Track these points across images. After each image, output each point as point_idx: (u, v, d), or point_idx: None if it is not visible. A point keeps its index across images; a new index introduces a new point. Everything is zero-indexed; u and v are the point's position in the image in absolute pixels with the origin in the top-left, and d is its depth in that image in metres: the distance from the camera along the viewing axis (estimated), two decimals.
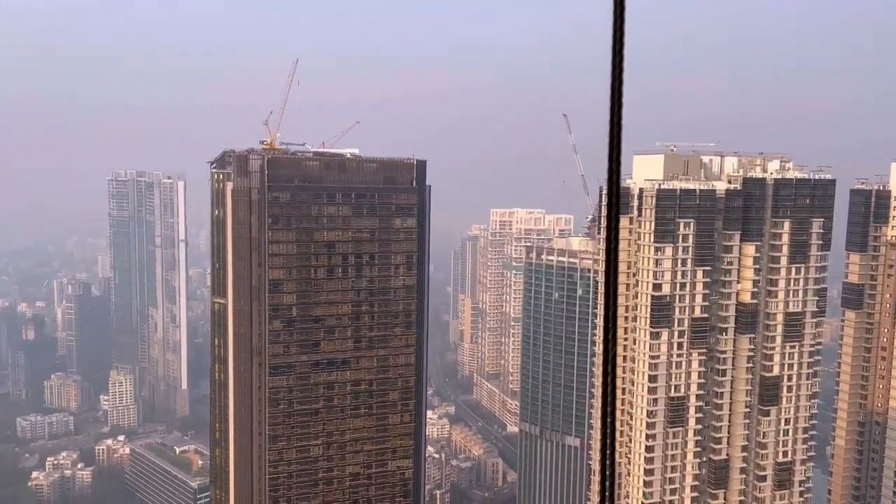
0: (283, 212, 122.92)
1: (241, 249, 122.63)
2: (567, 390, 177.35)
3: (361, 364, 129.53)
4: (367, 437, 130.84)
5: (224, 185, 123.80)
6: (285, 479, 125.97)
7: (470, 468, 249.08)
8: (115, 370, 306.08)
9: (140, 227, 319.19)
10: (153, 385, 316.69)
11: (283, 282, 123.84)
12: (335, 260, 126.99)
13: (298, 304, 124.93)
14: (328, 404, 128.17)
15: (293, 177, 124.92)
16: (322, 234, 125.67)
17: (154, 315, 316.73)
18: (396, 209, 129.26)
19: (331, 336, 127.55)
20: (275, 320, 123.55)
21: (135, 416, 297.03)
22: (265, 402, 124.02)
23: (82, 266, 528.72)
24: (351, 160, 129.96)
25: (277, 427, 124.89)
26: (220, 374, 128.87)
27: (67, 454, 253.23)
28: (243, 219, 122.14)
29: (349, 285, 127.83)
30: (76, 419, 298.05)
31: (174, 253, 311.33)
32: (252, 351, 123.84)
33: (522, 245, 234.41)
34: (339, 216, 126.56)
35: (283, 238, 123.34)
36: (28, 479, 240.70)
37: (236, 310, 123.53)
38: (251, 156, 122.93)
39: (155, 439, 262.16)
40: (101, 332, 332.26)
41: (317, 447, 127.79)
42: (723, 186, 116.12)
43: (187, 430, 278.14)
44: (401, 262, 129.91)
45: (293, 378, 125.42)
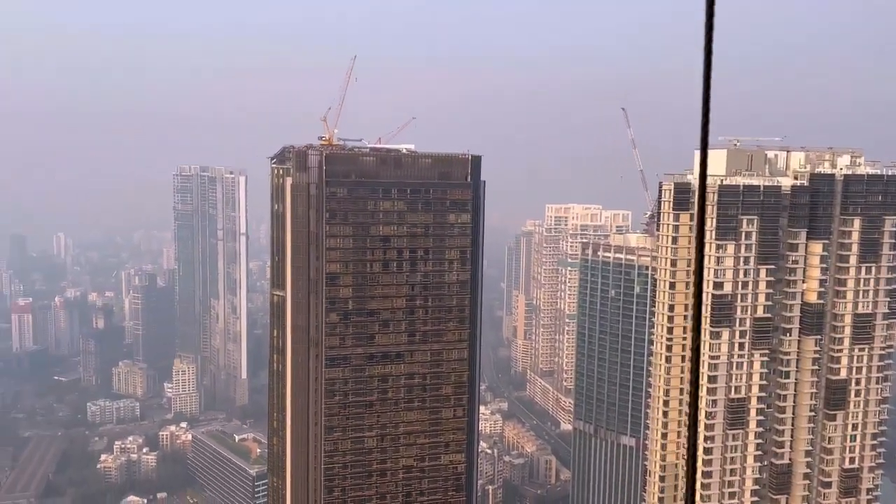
0: (340, 206, 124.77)
1: (299, 243, 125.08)
2: (623, 389, 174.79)
3: (415, 358, 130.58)
4: (420, 431, 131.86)
5: (284, 180, 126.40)
6: (340, 469, 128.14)
7: (523, 465, 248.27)
8: (179, 359, 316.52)
9: (203, 220, 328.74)
10: (214, 374, 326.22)
11: (340, 275, 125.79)
12: (390, 254, 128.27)
13: (354, 298, 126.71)
14: (382, 397, 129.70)
15: (350, 172, 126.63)
16: (378, 229, 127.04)
17: (216, 306, 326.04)
18: (451, 204, 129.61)
19: (385, 329, 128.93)
20: (331, 313, 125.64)
21: (196, 404, 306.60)
22: (321, 393, 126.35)
23: (149, 258, 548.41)
24: (406, 156, 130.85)
25: (333, 418, 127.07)
26: (278, 364, 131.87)
27: (133, 439, 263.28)
28: (302, 213, 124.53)
29: (404, 279, 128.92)
30: (142, 405, 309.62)
31: (235, 246, 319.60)
32: (309, 342, 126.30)
33: (578, 241, 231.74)
34: (394, 211, 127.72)
35: (339, 232, 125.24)
36: (97, 461, 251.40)
37: (294, 302, 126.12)
38: (310, 151, 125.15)
39: (215, 427, 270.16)
40: (165, 321, 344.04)
41: (371, 439, 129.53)
42: (789, 182, 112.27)
43: (246, 418, 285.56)
44: (455, 257, 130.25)
45: (349, 370, 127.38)
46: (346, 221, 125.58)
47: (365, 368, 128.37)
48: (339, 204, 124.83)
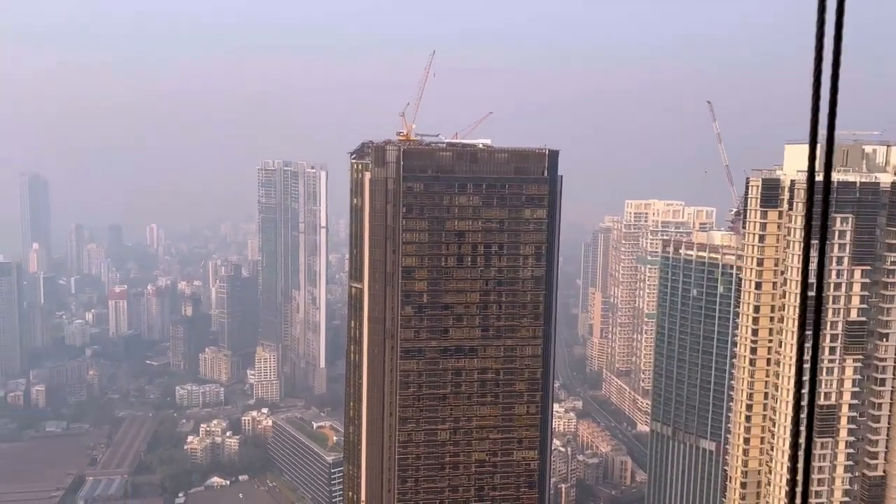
0: (416, 201, 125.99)
1: (376, 237, 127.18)
2: (703, 391, 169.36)
3: (488, 353, 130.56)
4: (492, 426, 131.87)
5: (363, 175, 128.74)
6: (413, 460, 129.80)
7: (597, 465, 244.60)
8: (261, 347, 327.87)
9: (286, 213, 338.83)
10: (294, 362, 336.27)
11: (416, 269, 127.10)
12: (465, 249, 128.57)
13: (429, 291, 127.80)
14: (456, 390, 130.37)
15: (427, 167, 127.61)
16: (453, 224, 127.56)
17: (296, 297, 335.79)
18: (527, 199, 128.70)
19: (459, 323, 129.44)
20: (407, 306, 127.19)
21: (277, 391, 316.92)
22: (396, 385, 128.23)
23: (234, 249, 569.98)
24: (483, 151, 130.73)
25: (407, 409, 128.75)
26: (355, 355, 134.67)
27: (218, 422, 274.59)
28: (380, 207, 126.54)
29: (478, 274, 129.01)
30: (226, 390, 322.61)
31: (316, 239, 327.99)
32: (385, 334, 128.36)
33: (659, 238, 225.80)
34: (469, 206, 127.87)
35: (416, 226, 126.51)
36: (184, 442, 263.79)
37: (371, 294, 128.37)
38: (388, 147, 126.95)
39: (294, 414, 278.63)
40: (249, 310, 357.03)
41: (444, 431, 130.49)
42: (888, 179, 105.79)
43: (324, 406, 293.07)
44: (530, 252, 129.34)
45: (423, 362, 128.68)
46: (422, 216, 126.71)
47: (439, 361, 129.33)
48: (416, 198, 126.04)
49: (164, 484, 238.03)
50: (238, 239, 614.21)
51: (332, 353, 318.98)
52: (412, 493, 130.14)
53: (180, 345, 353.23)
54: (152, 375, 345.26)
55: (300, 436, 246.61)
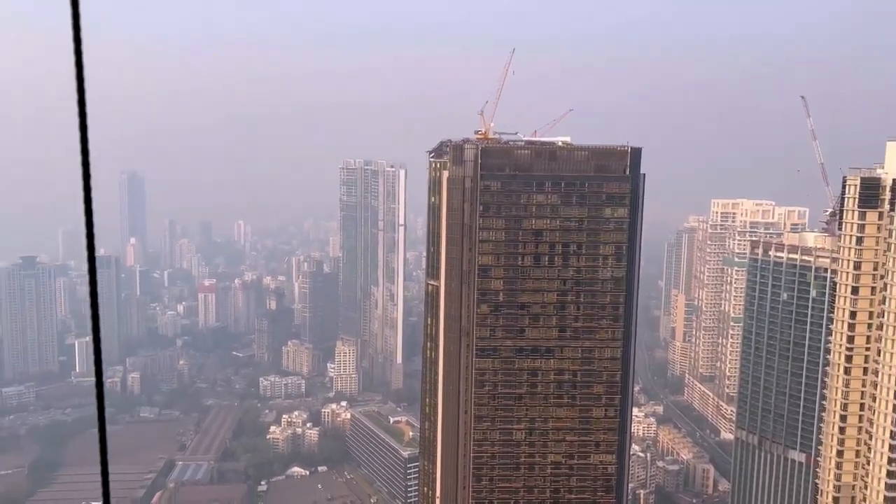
0: (493, 200, 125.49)
1: (453, 235, 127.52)
2: (792, 400, 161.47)
3: (565, 354, 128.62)
4: (569, 428, 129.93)
5: (440, 173, 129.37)
6: (488, 458, 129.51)
7: (677, 471, 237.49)
8: (341, 341, 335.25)
9: (365, 211, 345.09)
10: (372, 357, 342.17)
11: (492, 267, 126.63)
12: (542, 248, 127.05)
13: (505, 290, 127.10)
14: (531, 390, 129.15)
15: (504, 165, 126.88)
16: (530, 223, 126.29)
17: (375, 293, 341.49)
18: (607, 198, 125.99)
19: (536, 323, 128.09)
20: (483, 304, 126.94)
21: (355, 385, 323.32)
22: (472, 383, 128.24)
23: (316, 246, 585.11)
24: (562, 149, 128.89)
25: (482, 408, 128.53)
26: (431, 351, 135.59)
27: (299, 413, 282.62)
28: (457, 206, 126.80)
29: (555, 274, 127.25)
30: (307, 383, 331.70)
31: (394, 236, 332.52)
32: (461, 332, 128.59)
33: (747, 239, 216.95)
34: (547, 204, 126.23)
35: (492, 225, 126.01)
36: (267, 432, 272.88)
37: (448, 292, 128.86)
38: (466, 145, 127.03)
39: (372, 408, 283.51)
40: (329, 305, 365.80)
41: (519, 432, 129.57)
42: None
43: (400, 401, 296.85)
44: (609, 252, 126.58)
45: (498, 361, 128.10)
46: (499, 214, 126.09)
47: (514, 361, 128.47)
48: (493, 197, 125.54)
49: (248, 471, 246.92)
50: (320, 236, 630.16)
51: (408, 349, 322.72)
52: (487, 492, 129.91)
53: (264, 337, 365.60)
54: (238, 366, 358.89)
55: (377, 430, 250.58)
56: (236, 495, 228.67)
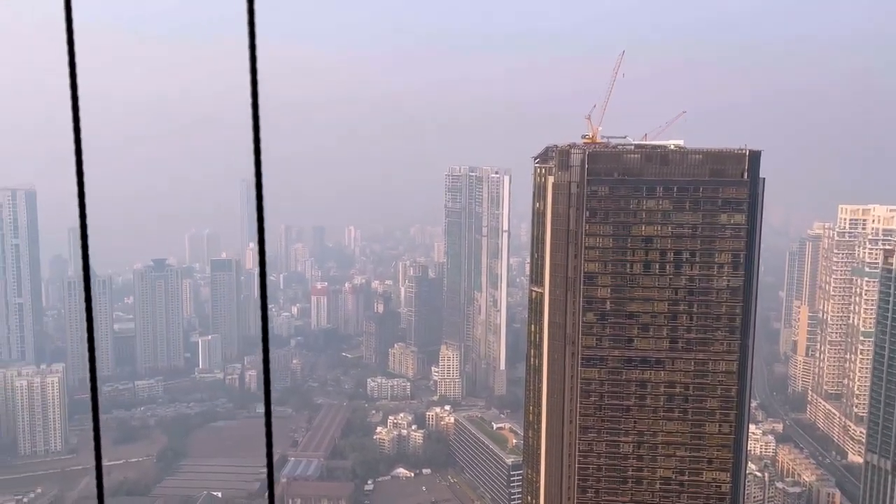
0: (601, 205, 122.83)
1: (558, 241, 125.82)
2: None
3: (677, 366, 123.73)
4: (680, 443, 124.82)
5: (546, 179, 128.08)
6: (594, 470, 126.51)
7: (798, 494, 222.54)
8: (445, 345, 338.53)
9: (469, 217, 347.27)
10: (475, 362, 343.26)
11: (598, 275, 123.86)
12: (653, 255, 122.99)
13: (612, 298, 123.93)
14: (640, 403, 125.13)
15: (612, 170, 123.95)
16: (640, 229, 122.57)
17: (478, 298, 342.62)
18: (723, 203, 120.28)
19: (645, 333, 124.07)
20: (588, 312, 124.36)
21: (459, 389, 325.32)
22: (577, 392, 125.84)
23: (422, 251, 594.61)
24: (674, 152, 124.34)
25: (588, 418, 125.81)
26: (534, 359, 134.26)
27: (404, 415, 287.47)
28: (562, 211, 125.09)
29: (667, 282, 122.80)
30: (412, 385, 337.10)
31: (498, 242, 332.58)
32: (566, 340, 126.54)
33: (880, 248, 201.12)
34: (658, 210, 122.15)
35: (599, 231, 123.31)
36: (374, 432, 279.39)
37: (552, 299, 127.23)
38: (572, 150, 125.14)
39: (475, 413, 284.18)
40: (434, 310, 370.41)
41: (627, 444, 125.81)
42: None
43: (504, 408, 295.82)
44: (725, 260, 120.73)
45: (605, 371, 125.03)
46: (606, 220, 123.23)
47: (622, 372, 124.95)
48: (600, 202, 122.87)
49: (355, 470, 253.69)
50: (426, 241, 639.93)
51: (511, 355, 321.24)
52: None
53: (372, 340, 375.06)
54: (347, 367, 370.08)
55: (481, 435, 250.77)
56: (344, 493, 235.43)
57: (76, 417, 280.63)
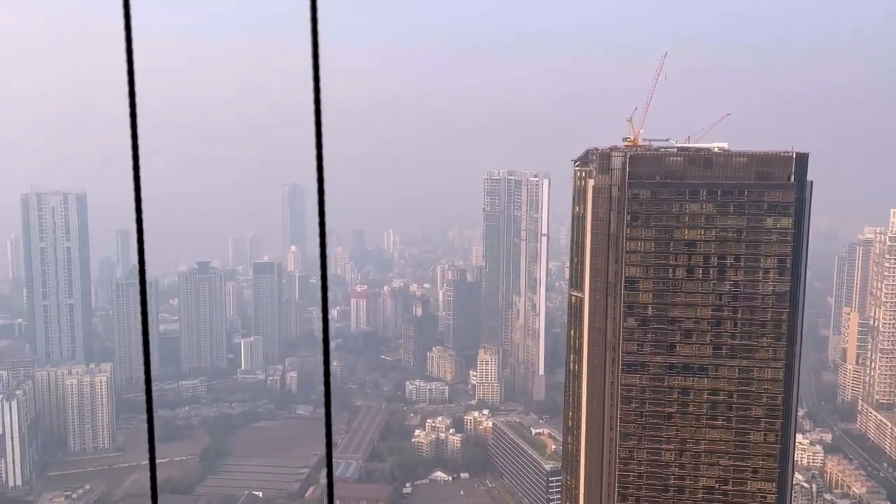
0: (642, 209, 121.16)
1: (599, 245, 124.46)
2: None
3: (721, 373, 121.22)
4: (724, 451, 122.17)
5: (586, 182, 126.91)
6: (635, 478, 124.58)
7: None
8: (483, 349, 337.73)
9: (508, 221, 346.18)
10: (514, 367, 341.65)
11: (640, 280, 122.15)
12: (695, 260, 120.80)
13: (654, 304, 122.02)
14: (682, 410, 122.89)
15: (654, 173, 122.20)
16: (682, 233, 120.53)
17: (517, 303, 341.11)
18: (769, 207, 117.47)
19: (688, 340, 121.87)
20: (629, 318, 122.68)
21: (497, 394, 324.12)
22: (617, 399, 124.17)
23: (460, 255, 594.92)
24: (718, 155, 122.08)
25: (629, 425, 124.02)
26: (574, 364, 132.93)
27: (442, 419, 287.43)
28: (603, 215, 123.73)
29: (710, 288, 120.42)
30: (450, 389, 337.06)
31: (537, 246, 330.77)
32: (606, 346, 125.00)
33: None
34: (701, 214, 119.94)
35: (641, 235, 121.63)
36: (412, 435, 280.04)
37: (592, 304, 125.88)
38: (613, 153, 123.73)
39: (514, 418, 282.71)
40: (472, 314, 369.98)
41: (669, 452, 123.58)
42: None
43: (542, 413, 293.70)
44: (771, 265, 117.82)
45: (646, 378, 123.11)
46: (647, 224, 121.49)
47: (664, 378, 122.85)
48: (642, 206, 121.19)
49: (394, 472, 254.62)
50: (464, 245, 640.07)
51: (550, 360, 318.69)
52: None
53: (410, 343, 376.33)
54: (385, 370, 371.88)
55: (519, 440, 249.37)
56: (383, 495, 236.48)
57: (123, 416, 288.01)
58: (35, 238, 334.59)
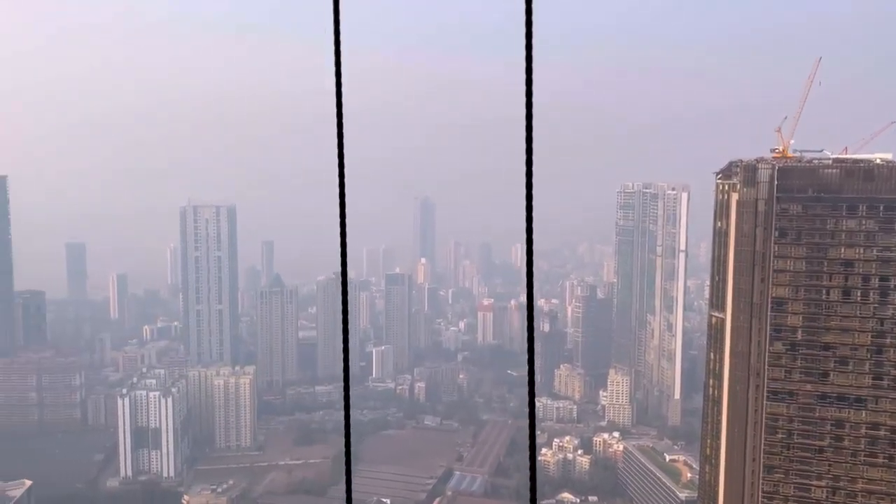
0: (792, 225, 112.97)
1: (743, 263, 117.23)
2: None
3: (882, 405, 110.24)
4: (884, 492, 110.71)
5: (729, 195, 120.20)
6: None
7: None
8: (614, 369, 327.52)
9: (643, 236, 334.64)
10: (647, 389, 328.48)
11: (788, 301, 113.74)
12: (853, 281, 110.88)
13: (804, 328, 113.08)
14: (836, 444, 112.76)
15: (806, 186, 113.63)
16: (838, 251, 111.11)
17: (651, 322, 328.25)
18: None
19: (843, 368, 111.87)
20: (776, 342, 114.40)
21: (628, 416, 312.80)
22: (761, 428, 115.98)
23: (590, 270, 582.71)
24: (881, 167, 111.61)
25: (774, 457, 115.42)
26: (713, 389, 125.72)
27: (570, 439, 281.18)
28: (747, 231, 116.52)
29: (870, 312, 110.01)
30: (578, 409, 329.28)
31: (674, 263, 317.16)
32: (749, 371, 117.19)
33: None
34: (860, 231, 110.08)
35: (791, 253, 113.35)
36: (539, 452, 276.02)
37: (735, 326, 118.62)
38: (760, 165, 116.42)
39: (646, 442, 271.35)
40: (602, 332, 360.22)
41: (820, 489, 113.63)
42: None
43: (677, 439, 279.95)
44: None
45: (794, 408, 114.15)
46: (798, 241, 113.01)
47: (815, 408, 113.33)
48: (792, 222, 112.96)
49: (519, 490, 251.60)
50: (594, 260, 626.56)
51: (687, 384, 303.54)
52: None
53: (538, 359, 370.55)
54: (512, 385, 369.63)
55: (651, 466, 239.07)
56: None
57: (263, 417, 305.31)
58: (191, 247, 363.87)
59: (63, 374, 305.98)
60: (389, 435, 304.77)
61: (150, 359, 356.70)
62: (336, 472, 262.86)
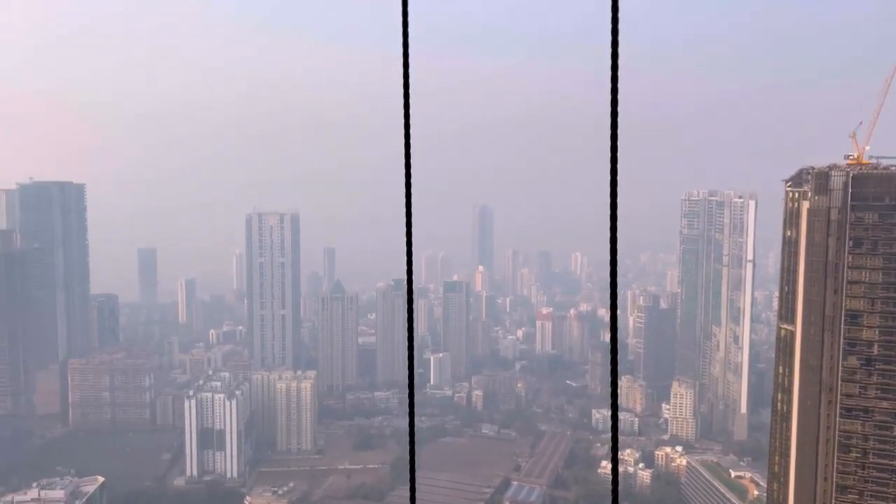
0: (868, 234, 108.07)
1: (814, 274, 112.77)
2: None
3: None
4: None
5: (799, 204, 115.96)
6: None
7: None
8: (677, 382, 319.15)
9: (708, 245, 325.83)
10: (712, 403, 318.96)
11: (864, 314, 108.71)
12: None
13: (881, 342, 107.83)
14: None
15: (883, 195, 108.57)
16: None
17: (717, 333, 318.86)
18: None
19: None
20: (850, 356, 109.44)
21: (692, 430, 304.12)
22: (833, 446, 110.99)
23: (653, 279, 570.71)
24: None
25: (848, 477, 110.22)
26: (783, 404, 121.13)
27: (630, 452, 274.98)
28: (819, 241, 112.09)
29: None
30: (640, 421, 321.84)
31: (740, 273, 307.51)
32: (821, 386, 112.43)
33: None
34: None
35: (866, 264, 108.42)
36: (597, 465, 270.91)
37: (805, 339, 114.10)
38: (833, 172, 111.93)
39: (711, 457, 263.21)
40: (665, 343, 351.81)
41: None
42: None
43: (743, 455, 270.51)
44: None
45: (870, 425, 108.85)
46: (874, 251, 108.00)
47: (892, 427, 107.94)
48: (867, 231, 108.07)
49: (578, 503, 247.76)
50: (657, 269, 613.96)
51: (754, 398, 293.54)
52: None
53: (598, 369, 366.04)
54: (571, 395, 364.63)
55: (716, 482, 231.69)
56: None
57: (323, 421, 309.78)
58: (255, 254, 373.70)
59: (134, 375, 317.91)
60: (447, 442, 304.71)
61: (216, 362, 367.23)
62: (394, 478, 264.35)
